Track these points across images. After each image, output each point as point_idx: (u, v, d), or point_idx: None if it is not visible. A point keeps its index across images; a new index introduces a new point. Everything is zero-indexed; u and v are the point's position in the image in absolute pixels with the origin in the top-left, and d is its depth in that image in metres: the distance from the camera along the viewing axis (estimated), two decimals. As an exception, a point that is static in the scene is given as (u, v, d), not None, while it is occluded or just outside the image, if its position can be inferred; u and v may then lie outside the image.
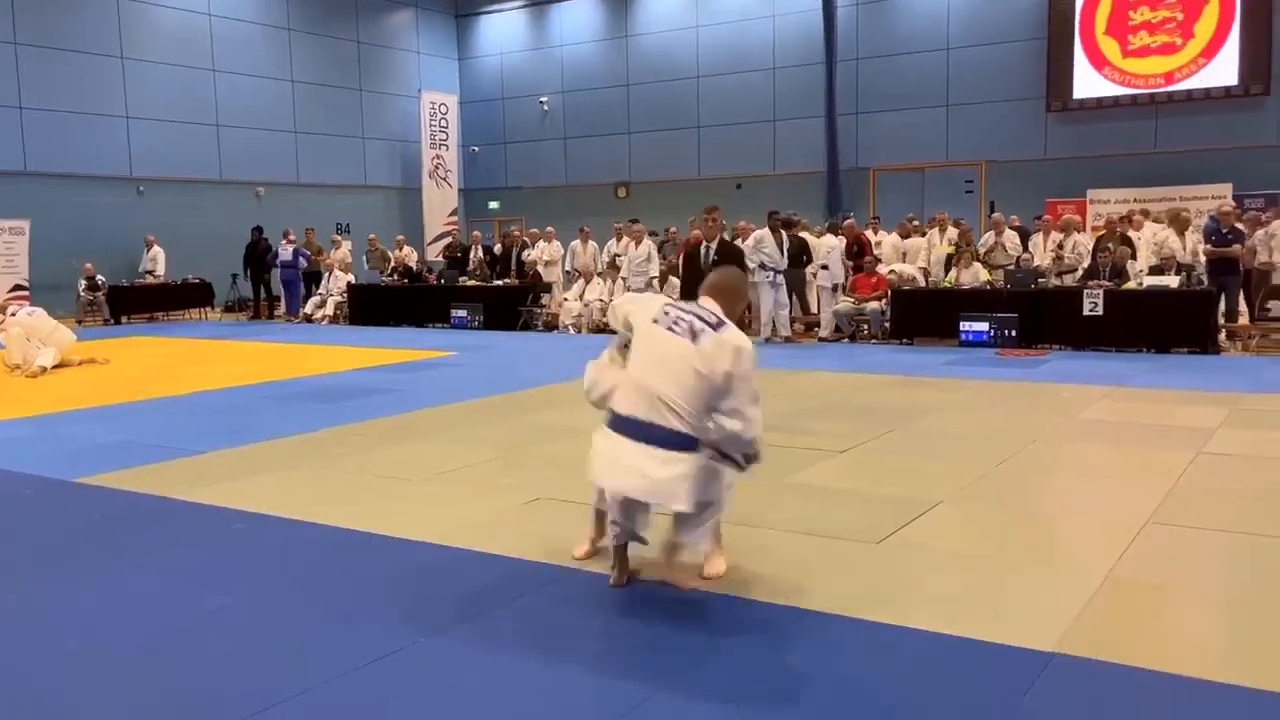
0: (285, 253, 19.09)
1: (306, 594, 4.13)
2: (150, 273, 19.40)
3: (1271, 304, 11.77)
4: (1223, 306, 11.91)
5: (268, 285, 19.99)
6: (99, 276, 18.57)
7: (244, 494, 5.74)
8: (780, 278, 13.26)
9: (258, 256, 19.83)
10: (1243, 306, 12.50)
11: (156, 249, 19.37)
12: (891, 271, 13.76)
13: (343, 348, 13.74)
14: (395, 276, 18.15)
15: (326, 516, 5.23)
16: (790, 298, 13.73)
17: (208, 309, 19.94)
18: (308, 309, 18.48)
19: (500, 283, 16.76)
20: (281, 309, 19.55)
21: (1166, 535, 4.71)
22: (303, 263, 18.96)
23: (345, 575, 4.36)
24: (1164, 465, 6.01)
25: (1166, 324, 11.41)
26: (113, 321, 18.40)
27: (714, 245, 7.61)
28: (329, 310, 18.13)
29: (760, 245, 13.15)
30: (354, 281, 18.17)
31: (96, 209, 19.30)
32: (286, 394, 9.68)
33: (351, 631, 3.69)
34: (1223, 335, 11.78)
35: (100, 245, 18.96)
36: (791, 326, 13.76)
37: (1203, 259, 12.31)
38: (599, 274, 15.81)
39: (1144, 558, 4.40)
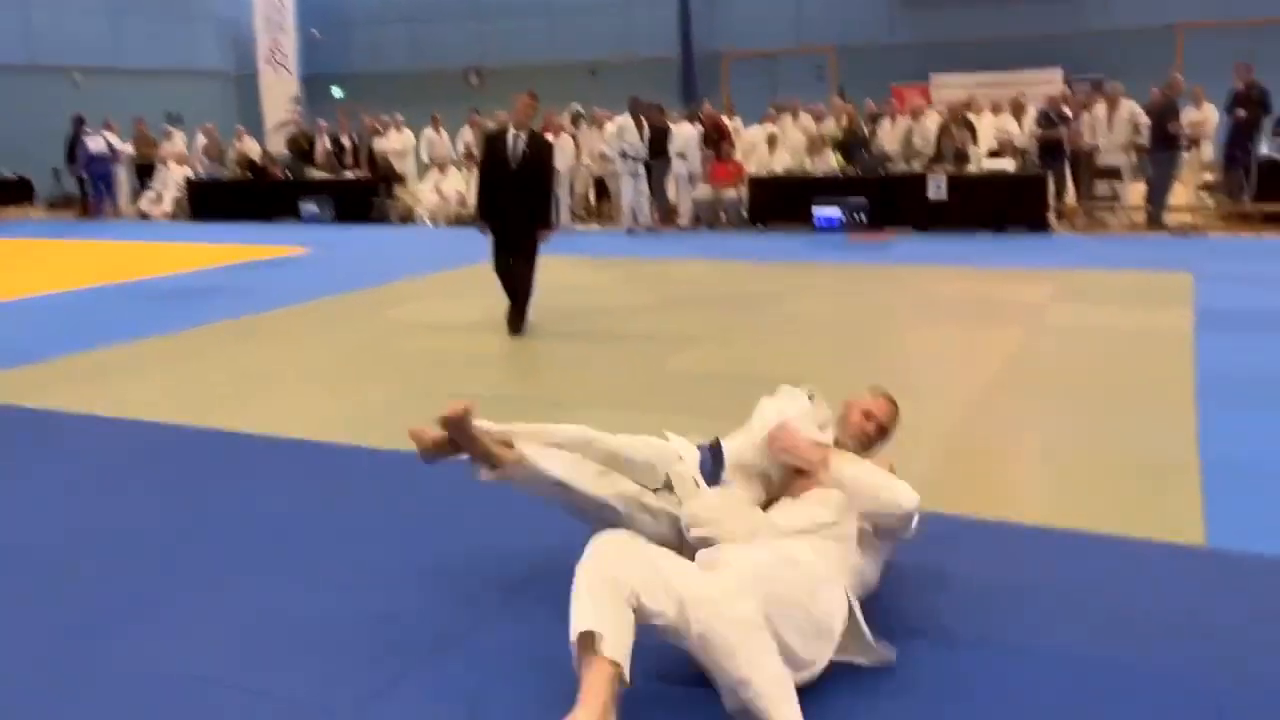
0: (96, 144, 17.81)
1: (175, 495, 4.08)
2: (-43, 168, 17.86)
3: (1097, 184, 12.53)
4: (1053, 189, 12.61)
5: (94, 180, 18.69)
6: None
7: (100, 399, 5.55)
8: (641, 167, 13.28)
9: (78, 149, 18.43)
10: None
11: (-37, 142, 17.81)
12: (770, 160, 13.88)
13: (186, 245, 13.12)
14: (237, 170, 17.29)
15: (192, 418, 5.12)
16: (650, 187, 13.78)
17: (28, 206, 18.57)
18: (142, 204, 17.45)
19: (351, 175, 16.19)
20: (109, 206, 18.36)
21: (1002, 401, 5.13)
22: (113, 152, 17.69)
23: (216, 475, 4.32)
24: (1001, 338, 6.47)
25: (1003, 206, 12.04)
26: (-80, 223, 16.99)
27: (523, 135, 6.81)
28: (166, 206, 17.18)
29: (622, 133, 13.09)
30: (193, 176, 17.22)
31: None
32: (132, 295, 9.25)
33: (227, 529, 3.68)
34: (1053, 216, 12.51)
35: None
36: (652, 216, 13.86)
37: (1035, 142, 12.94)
38: (455, 164, 15.47)
39: (983, 422, 4.79)
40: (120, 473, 4.39)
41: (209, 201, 16.60)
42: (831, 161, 13.67)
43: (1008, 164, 12.29)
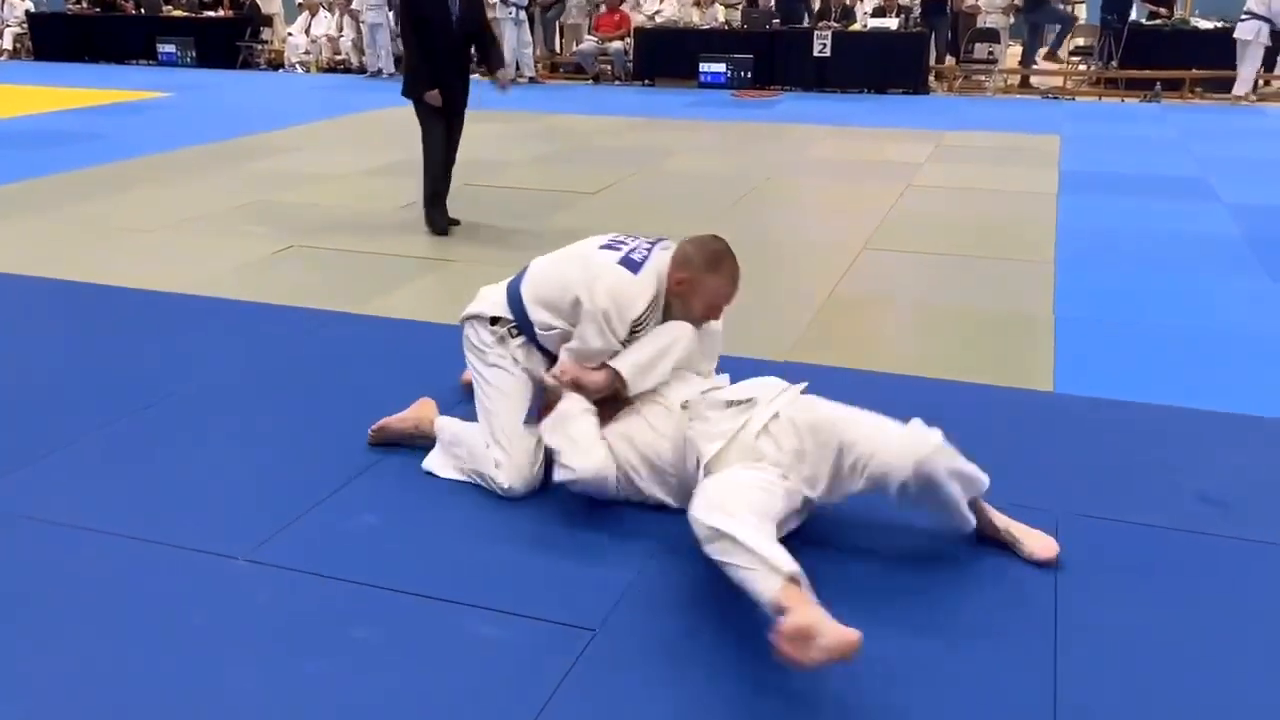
0: None
1: (51, 350, 3.96)
2: None
3: (975, 46, 12.73)
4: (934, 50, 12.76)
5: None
6: None
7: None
8: (523, 14, 12.84)
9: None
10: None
11: None
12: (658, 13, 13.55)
13: (32, 87, 12.19)
14: (84, 4, 15.97)
15: (58, 271, 4.92)
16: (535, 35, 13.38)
17: None
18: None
19: (211, 14, 15.17)
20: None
21: (877, 259, 5.33)
22: None
23: (91, 330, 4.19)
24: (878, 197, 6.66)
25: (885, 66, 12.14)
26: None
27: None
28: (6, 44, 15.84)
29: None
30: (33, 9, 15.85)
31: None
32: (-23, 140, 8.62)
33: (108, 385, 3.61)
34: (932, 76, 12.69)
35: None
36: (536, 67, 13.49)
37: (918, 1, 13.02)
38: (326, 6, 14.63)
39: (858, 278, 4.98)
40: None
41: (53, 39, 15.38)
42: (719, 15, 13.46)
43: (891, 23, 12.34)
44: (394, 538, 2.63)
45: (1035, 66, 13.87)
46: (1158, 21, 12.73)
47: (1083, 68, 13.15)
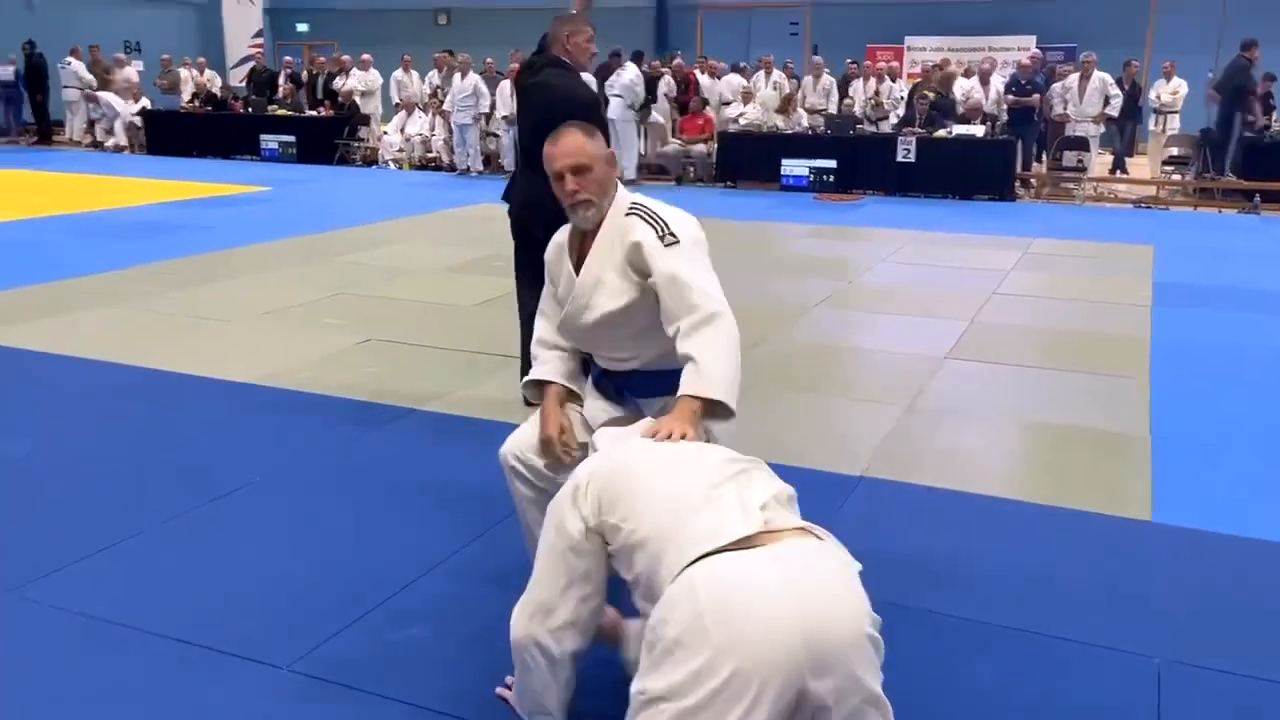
0: (3, 72, 17.58)
1: (129, 437, 4.00)
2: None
3: (1064, 154, 12.56)
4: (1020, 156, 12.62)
5: (44, 108, 18.14)
6: None
7: (47, 335, 5.42)
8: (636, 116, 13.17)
9: (31, 75, 17.88)
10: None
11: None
12: (741, 115, 13.75)
13: (142, 180, 12.79)
14: (196, 103, 16.84)
15: (142, 358, 5.02)
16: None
17: (-21, 133, 18.01)
18: (96, 135, 17.01)
19: (314, 113, 15.84)
20: (65, 134, 17.87)
21: (960, 369, 5.15)
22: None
23: (168, 418, 4.24)
24: (961, 304, 6.49)
25: (971, 171, 12.04)
26: None
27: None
28: (120, 139, 16.72)
29: (635, 84, 12.95)
30: (148, 106, 16.75)
31: None
32: (84, 228, 9.01)
33: (181, 474, 3.62)
34: (1018, 183, 12.54)
35: None
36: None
37: (1005, 109, 12.93)
38: (421, 107, 15.17)
39: (940, 390, 4.80)
40: (61, 412, 4.29)
41: (165, 135, 16.19)
42: (803, 120, 13.57)
43: (977, 130, 12.28)
44: (442, 652, 2.52)
45: (1127, 175, 13.64)
46: (1256, 132, 12.43)
47: (1176, 177, 12.87)
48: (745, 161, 13.12)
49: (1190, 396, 4.69)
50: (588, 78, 4.58)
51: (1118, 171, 13.87)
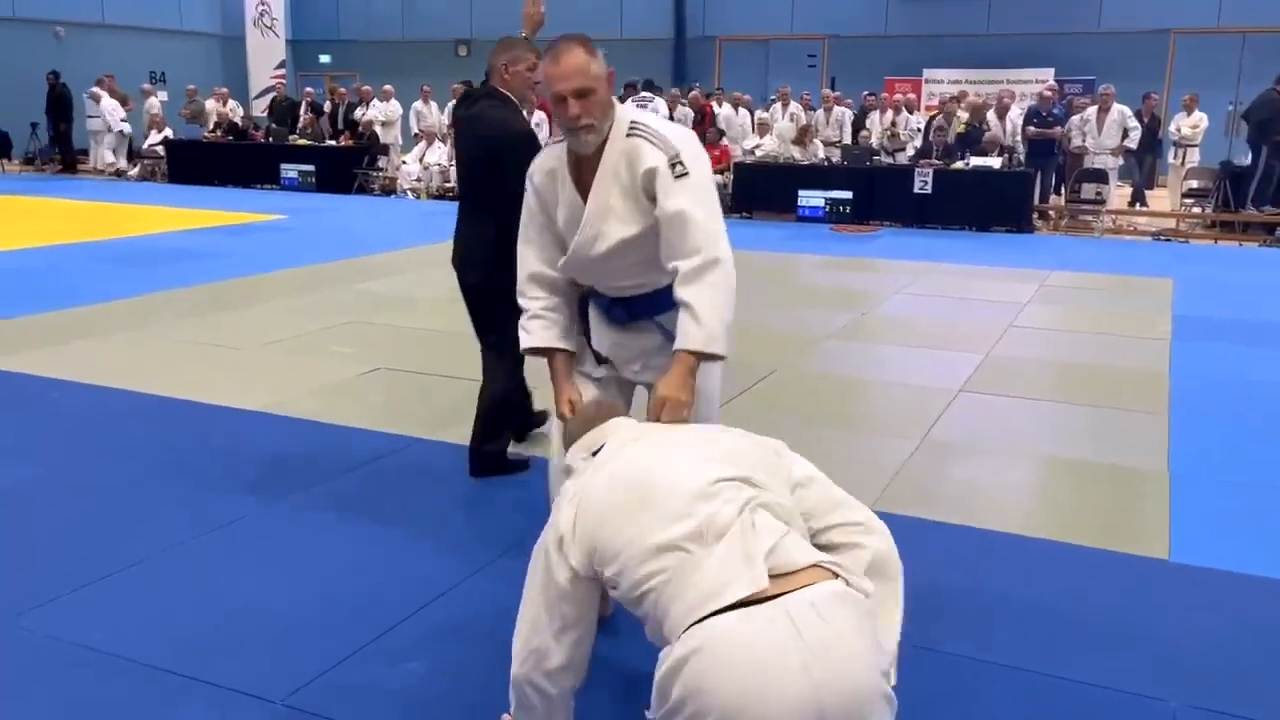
0: None
1: (135, 464, 3.98)
2: (-65, 119, 17.53)
3: (1083, 186, 12.50)
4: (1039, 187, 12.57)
5: (68, 136, 18.36)
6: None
7: (60, 361, 5.43)
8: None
9: (56, 104, 18.09)
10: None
11: (-58, 93, 17.49)
12: (758, 147, 13.78)
13: (162, 208, 12.91)
14: (219, 132, 17.02)
15: (152, 385, 5.01)
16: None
17: (5, 160, 18.26)
18: (119, 164, 17.23)
19: (333, 143, 15.98)
20: (90, 162, 18.09)
21: (976, 402, 5.08)
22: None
23: (174, 445, 4.22)
24: (977, 337, 6.42)
25: (988, 203, 11.98)
26: (-107, 172, 16.66)
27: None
28: (109, 157, 16.93)
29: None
30: (171, 136, 16.96)
31: None
32: (103, 256, 9.08)
33: (182, 503, 3.60)
34: (1036, 215, 12.47)
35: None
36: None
37: (1020, 140, 12.89)
38: (440, 137, 15.28)
39: (955, 423, 4.73)
40: (69, 439, 4.28)
41: (187, 164, 16.36)
42: (820, 151, 13.58)
43: (994, 162, 12.24)
44: (438, 689, 2.47)
45: (1147, 207, 13.56)
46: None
47: (1196, 210, 12.77)
48: (761, 192, 13.12)
49: (1210, 432, 4.60)
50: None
51: (1137, 204, 13.80)
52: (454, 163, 14.79)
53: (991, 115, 13.42)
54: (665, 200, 2.30)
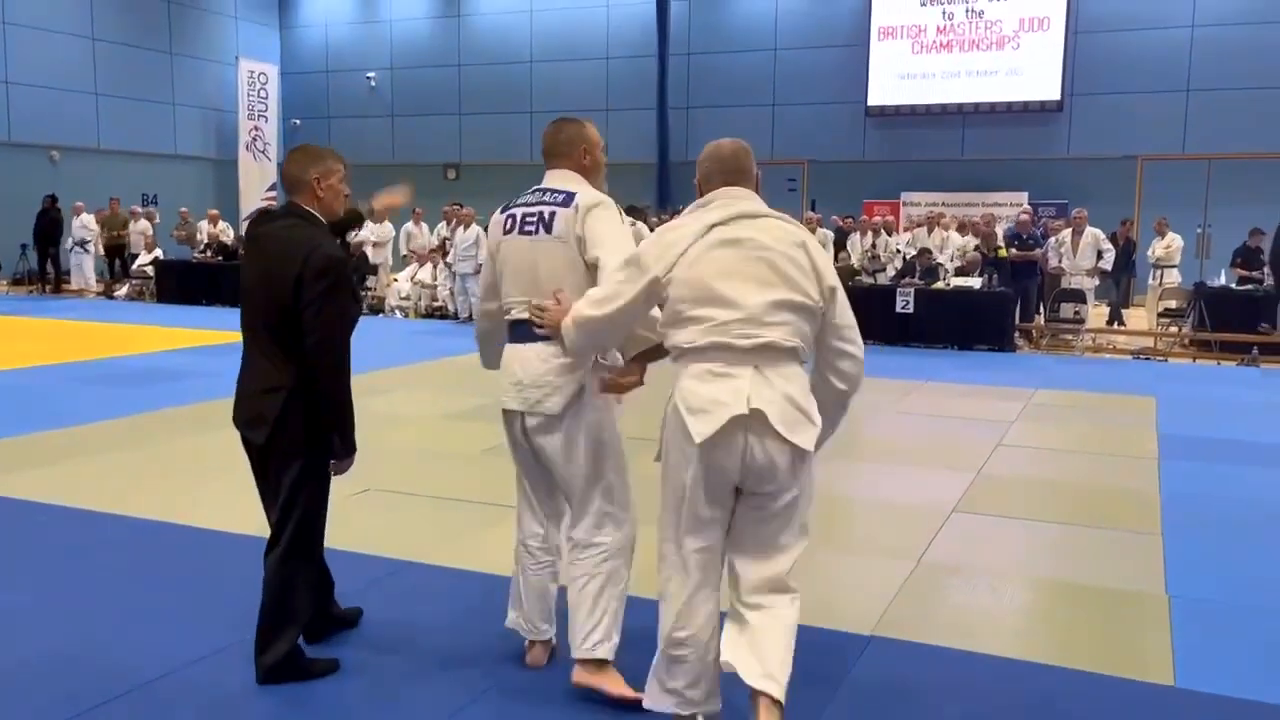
0: None
1: (115, 592, 3.90)
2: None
3: (1061, 305, 12.75)
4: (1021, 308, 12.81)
5: (55, 258, 18.49)
6: None
7: (47, 484, 5.36)
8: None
9: (46, 227, 18.23)
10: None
11: (-66, 215, 17.67)
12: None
13: (150, 327, 12.96)
14: (208, 253, 17.22)
15: (138, 509, 4.95)
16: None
17: (-6, 281, 18.39)
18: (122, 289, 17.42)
19: (323, 263, 16.18)
20: (73, 283, 18.19)
21: (969, 522, 5.06)
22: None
23: (159, 571, 4.14)
24: (967, 456, 6.44)
25: (970, 322, 12.19)
26: (-119, 292, 16.70)
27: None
28: (89, 274, 17.10)
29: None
30: (162, 257, 17.14)
31: None
32: (90, 376, 9.06)
33: (170, 630, 3.51)
34: (1018, 334, 12.67)
35: None
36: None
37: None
38: (428, 258, 15.51)
39: (949, 544, 4.71)
40: (53, 567, 4.20)
41: (178, 284, 16.50)
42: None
43: (974, 281, 12.49)
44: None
45: (1124, 326, 13.81)
46: (1249, 286, 12.65)
47: (1174, 329, 13.01)
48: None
49: (1205, 553, 4.60)
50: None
51: (1115, 323, 14.06)
52: (417, 283, 15.03)
53: (955, 237, 13.85)
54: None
